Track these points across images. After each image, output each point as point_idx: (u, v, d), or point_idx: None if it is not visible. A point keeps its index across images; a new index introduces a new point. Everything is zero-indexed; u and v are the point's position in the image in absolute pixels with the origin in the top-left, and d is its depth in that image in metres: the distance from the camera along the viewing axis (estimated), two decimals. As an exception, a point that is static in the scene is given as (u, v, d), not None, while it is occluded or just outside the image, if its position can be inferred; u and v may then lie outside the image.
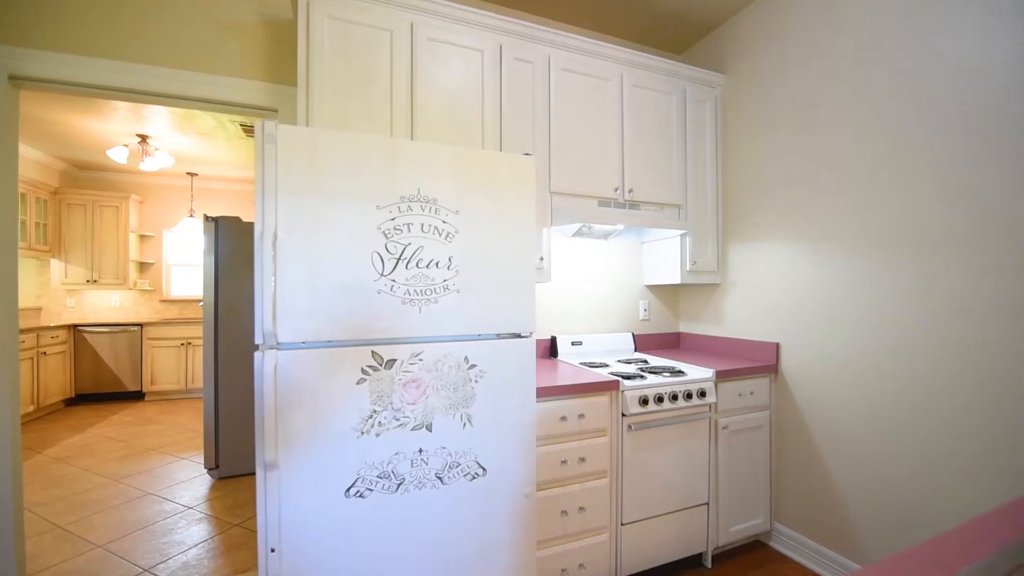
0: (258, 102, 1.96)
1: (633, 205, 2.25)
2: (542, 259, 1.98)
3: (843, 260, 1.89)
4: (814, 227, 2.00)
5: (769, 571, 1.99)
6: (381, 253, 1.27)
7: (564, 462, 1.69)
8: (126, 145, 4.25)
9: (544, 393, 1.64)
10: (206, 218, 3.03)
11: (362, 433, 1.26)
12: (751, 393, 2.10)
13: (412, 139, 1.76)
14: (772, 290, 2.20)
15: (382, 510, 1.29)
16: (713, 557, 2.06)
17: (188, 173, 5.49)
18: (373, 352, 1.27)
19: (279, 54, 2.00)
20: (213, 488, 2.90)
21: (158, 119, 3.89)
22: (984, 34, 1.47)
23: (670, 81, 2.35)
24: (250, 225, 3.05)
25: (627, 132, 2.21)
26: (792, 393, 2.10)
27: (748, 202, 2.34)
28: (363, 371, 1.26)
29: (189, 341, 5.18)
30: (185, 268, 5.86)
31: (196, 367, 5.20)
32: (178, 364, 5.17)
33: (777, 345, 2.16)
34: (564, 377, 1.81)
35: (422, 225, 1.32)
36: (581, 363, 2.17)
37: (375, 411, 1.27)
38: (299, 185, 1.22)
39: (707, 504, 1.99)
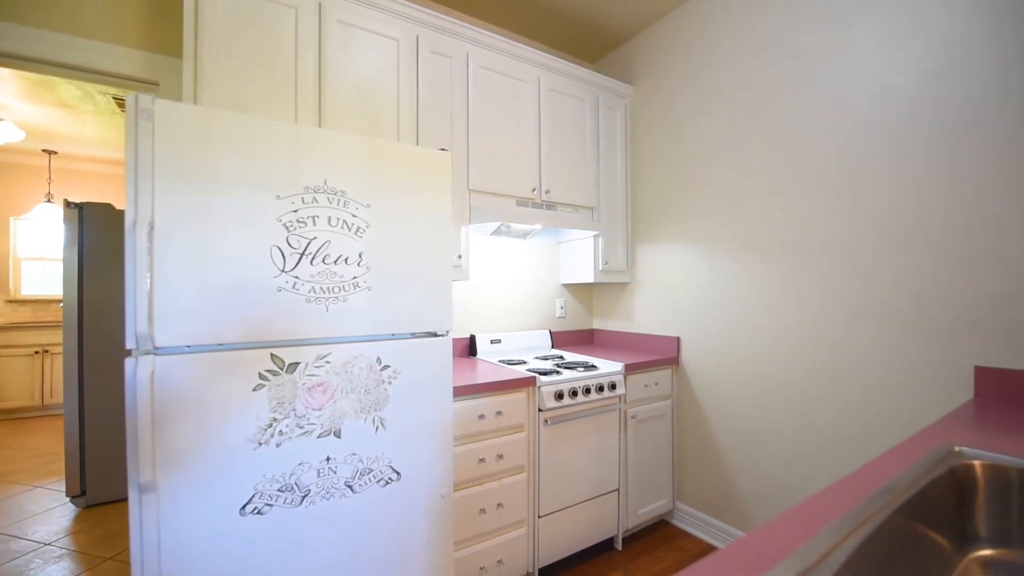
0: (133, 72, 1.71)
1: (550, 206, 2.31)
2: (460, 257, 1.96)
3: (734, 262, 2.10)
4: (709, 231, 2.20)
5: (672, 547, 2.15)
6: (282, 247, 1.17)
7: (482, 460, 1.68)
8: (-44, 113, 3.50)
9: (462, 392, 1.62)
10: (67, 204, 2.59)
11: (260, 444, 1.15)
12: (656, 384, 2.25)
13: (320, 128, 1.65)
14: (674, 288, 2.38)
15: (284, 526, 1.19)
16: (623, 539, 2.18)
17: (45, 151, 4.66)
18: (273, 355, 1.17)
19: (161, 20, 1.76)
20: (78, 519, 2.49)
21: (2, 83, 3.25)
22: (847, 67, 1.71)
23: (585, 88, 2.44)
24: (124, 213, 2.66)
25: (544, 134, 2.27)
26: (691, 383, 2.29)
27: (653, 207, 2.51)
28: (261, 376, 1.15)
29: (45, 348, 4.41)
30: (40, 263, 4.97)
31: (55, 379, 4.43)
32: (31, 376, 4.37)
33: (678, 339, 2.35)
34: (483, 375, 1.81)
35: (329, 218, 1.24)
36: (500, 361, 2.19)
37: (275, 419, 1.16)
38: (183, 169, 1.08)
39: (618, 490, 2.10)
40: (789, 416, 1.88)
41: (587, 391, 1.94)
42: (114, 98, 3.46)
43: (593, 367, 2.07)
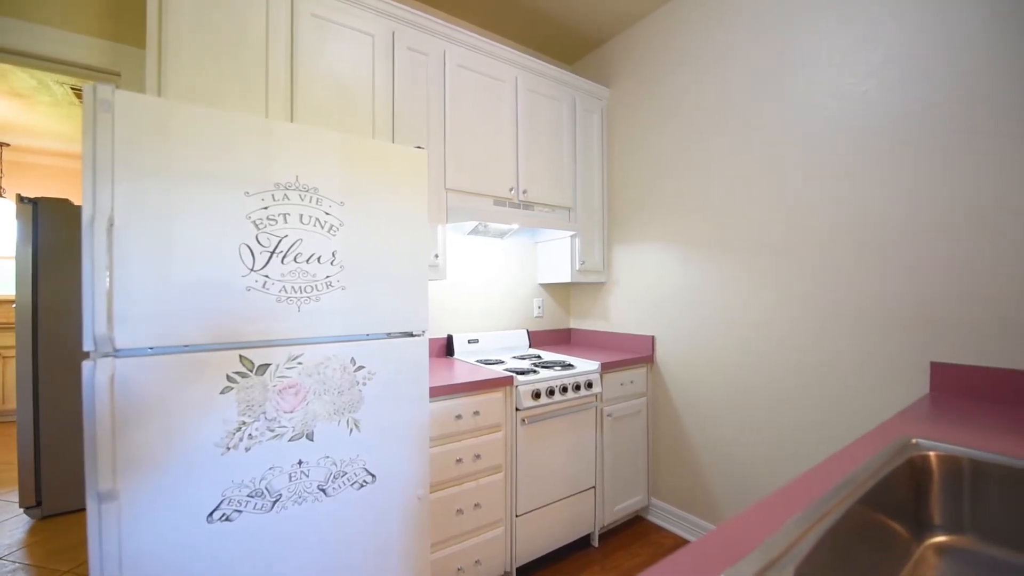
0: (93, 62, 1.64)
1: (527, 206, 2.32)
2: (437, 256, 1.94)
3: (707, 263, 2.14)
4: (683, 233, 2.25)
5: (647, 542, 2.18)
6: (251, 245, 1.14)
7: (459, 460, 1.67)
8: None
9: (439, 392, 1.61)
10: (21, 199, 2.45)
11: (228, 448, 1.11)
12: (631, 382, 2.28)
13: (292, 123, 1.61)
14: (649, 287, 2.42)
15: (254, 533, 1.16)
16: (600, 536, 2.20)
17: (-4, 143, 4.41)
18: (242, 357, 1.13)
19: (123, 8, 1.69)
20: (32, 531, 2.36)
21: (-53, 71, 3.06)
22: (811, 76, 1.77)
23: (562, 89, 2.46)
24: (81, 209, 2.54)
25: (522, 134, 2.27)
26: (665, 380, 2.33)
27: (629, 208, 2.54)
28: (229, 378, 1.11)
29: (-3, 352, 4.17)
30: (-9, 261, 4.69)
31: (7, 383, 4.20)
32: (-19, 381, 4.13)
33: (653, 337, 2.39)
34: (460, 375, 1.80)
35: (301, 216, 1.21)
36: (477, 361, 2.18)
37: (244, 423, 1.13)
38: (145, 164, 1.04)
39: (594, 488, 2.12)
40: (758, 411, 1.93)
41: (564, 390, 1.95)
42: (72, 88, 3.30)
43: (570, 366, 2.08)
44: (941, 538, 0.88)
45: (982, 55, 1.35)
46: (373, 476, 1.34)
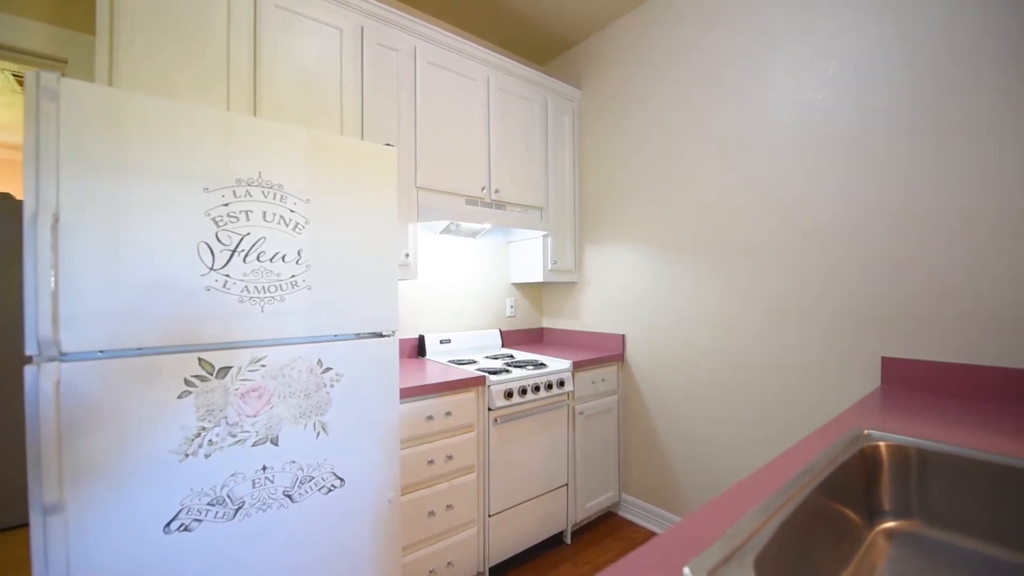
0: (37, 47, 1.54)
1: (499, 205, 2.31)
2: (408, 256, 1.92)
3: (675, 263, 2.20)
4: (652, 234, 2.30)
5: (618, 537, 2.22)
6: (211, 243, 1.09)
7: (431, 462, 1.66)
8: None
9: (410, 393, 1.59)
10: (-46, 194, 2.28)
11: (186, 455, 1.07)
12: (602, 380, 2.32)
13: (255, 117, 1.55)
14: (619, 287, 2.46)
15: (215, 542, 1.11)
16: (572, 533, 2.22)
17: (-74, 133, 4.09)
18: (201, 359, 1.08)
19: (69, -8, 1.59)
20: (-32, 549, 2.20)
21: None
22: (773, 83, 1.84)
23: (534, 90, 2.47)
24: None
25: (493, 133, 2.27)
26: (635, 378, 2.38)
27: (600, 208, 2.58)
28: (187, 382, 1.07)
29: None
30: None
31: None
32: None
33: (623, 336, 2.43)
34: (431, 376, 1.78)
35: (264, 213, 1.17)
36: (449, 361, 2.17)
37: (203, 428, 1.08)
38: (94, 156, 0.98)
39: (566, 485, 2.14)
40: (722, 406, 1.99)
41: (536, 389, 1.96)
42: (13, 75, 3.09)
43: (542, 365, 2.09)
44: (890, 523, 0.93)
45: (926, 69, 1.44)
46: (342, 480, 1.31)
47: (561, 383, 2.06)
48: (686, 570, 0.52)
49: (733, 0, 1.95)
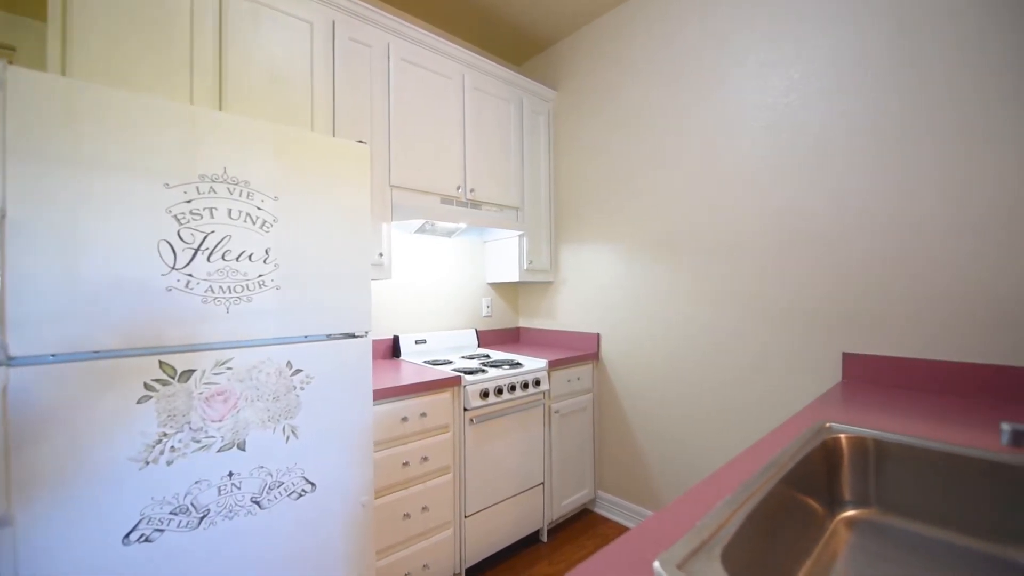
0: (-20, 34, 1.45)
1: (475, 205, 2.31)
2: (381, 255, 1.89)
3: (649, 262, 2.23)
4: (626, 235, 2.33)
5: (594, 534, 2.24)
6: (172, 242, 1.05)
7: (406, 464, 1.64)
8: None
9: (383, 395, 1.56)
10: None
11: (146, 463, 1.02)
12: (578, 379, 2.34)
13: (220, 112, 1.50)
14: (594, 286, 2.49)
15: (178, 553, 1.07)
16: (549, 531, 2.23)
17: None
18: (162, 363, 1.04)
19: (17, -24, 1.51)
20: (-95, 569, 2.05)
21: None
22: (741, 87, 1.89)
23: (509, 89, 2.47)
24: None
25: (469, 133, 2.26)
26: (610, 376, 2.41)
27: (575, 208, 2.60)
28: (147, 386, 1.02)
29: None
30: None
31: None
32: None
33: (598, 335, 2.46)
34: (406, 377, 1.76)
35: (230, 211, 1.13)
36: (425, 361, 2.14)
37: (165, 434, 1.04)
38: (44, 149, 0.93)
39: (543, 484, 2.15)
40: (694, 402, 2.04)
41: (512, 388, 1.96)
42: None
43: (518, 365, 2.09)
44: (851, 512, 0.97)
45: (886, 75, 1.50)
46: (313, 485, 1.28)
47: (537, 382, 2.07)
48: (656, 564, 0.53)
49: (704, 5, 2.00)
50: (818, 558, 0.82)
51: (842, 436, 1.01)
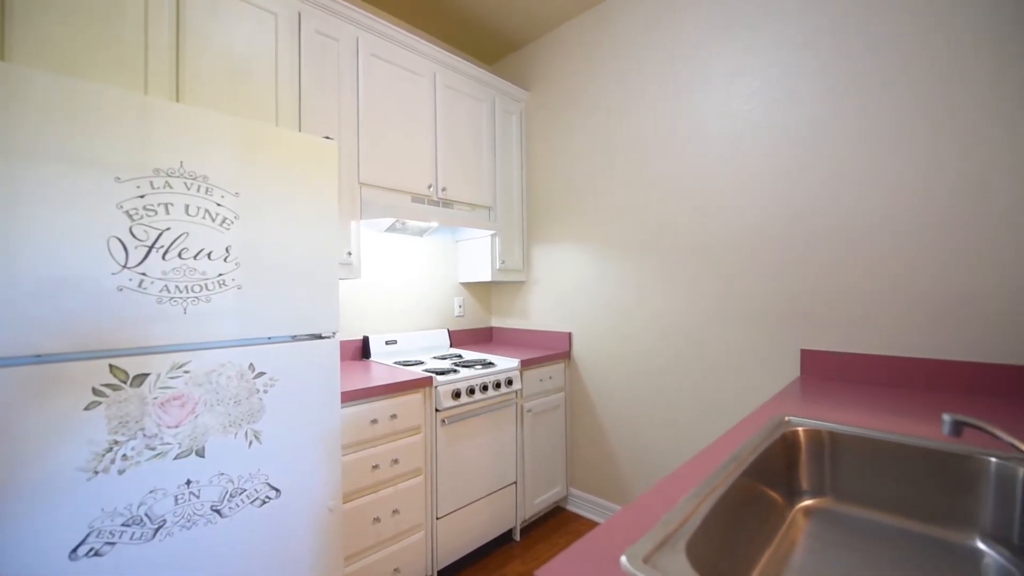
0: (-95, 13, 1.33)
1: (447, 204, 2.29)
2: (350, 254, 1.85)
3: (619, 262, 2.27)
4: (597, 235, 2.36)
5: (566, 531, 2.26)
6: (123, 239, 1.00)
7: (376, 467, 1.61)
8: None
9: (352, 396, 1.53)
10: None
11: (95, 473, 0.97)
12: (550, 378, 2.35)
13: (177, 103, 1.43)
14: (566, 286, 2.51)
15: (132, 566, 1.02)
16: (521, 530, 2.24)
17: None
18: (112, 367, 0.99)
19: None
20: None
21: None
22: (706, 94, 1.94)
23: (482, 89, 2.46)
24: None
25: (440, 131, 2.24)
26: (582, 375, 2.43)
27: (547, 208, 2.62)
28: (96, 392, 0.97)
29: None
30: None
31: None
32: None
33: (570, 334, 2.48)
34: (376, 378, 1.73)
35: (187, 206, 1.08)
36: (396, 362, 2.11)
37: (116, 442, 0.99)
38: (-23, 139, 0.87)
39: (515, 483, 2.15)
40: (661, 399, 2.09)
41: (484, 388, 1.95)
42: None
43: (491, 364, 2.09)
44: (808, 501, 1.01)
45: (843, 84, 1.58)
46: (277, 491, 1.24)
47: (509, 382, 2.07)
48: (623, 559, 0.54)
49: (672, 12, 2.05)
50: (778, 546, 0.85)
51: (800, 429, 1.05)
